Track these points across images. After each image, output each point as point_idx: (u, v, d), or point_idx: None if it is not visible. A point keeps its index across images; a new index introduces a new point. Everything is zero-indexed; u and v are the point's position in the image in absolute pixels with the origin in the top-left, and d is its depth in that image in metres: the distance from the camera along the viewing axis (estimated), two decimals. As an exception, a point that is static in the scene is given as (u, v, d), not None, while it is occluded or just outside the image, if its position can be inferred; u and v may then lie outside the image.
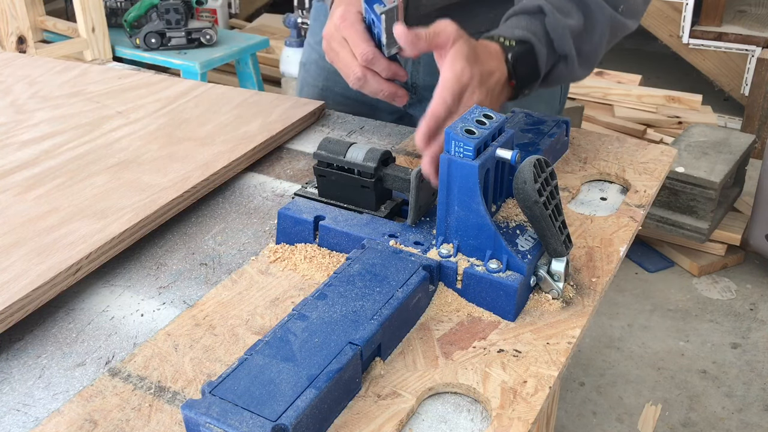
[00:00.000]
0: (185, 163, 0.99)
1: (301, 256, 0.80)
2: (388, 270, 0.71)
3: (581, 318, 0.72)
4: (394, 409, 0.61)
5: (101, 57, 2.65)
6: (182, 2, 2.70)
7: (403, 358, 0.67)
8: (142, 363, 0.68)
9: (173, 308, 0.76)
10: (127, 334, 0.73)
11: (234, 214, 0.93)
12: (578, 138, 1.06)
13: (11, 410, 0.64)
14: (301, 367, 0.60)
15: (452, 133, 0.70)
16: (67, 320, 0.75)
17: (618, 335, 2.33)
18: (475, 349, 0.68)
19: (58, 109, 1.17)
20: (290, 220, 0.82)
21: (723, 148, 2.65)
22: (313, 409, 0.57)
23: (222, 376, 0.59)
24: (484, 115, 0.74)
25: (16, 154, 1.03)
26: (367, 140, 1.11)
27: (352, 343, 0.62)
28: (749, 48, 3.47)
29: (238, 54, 2.84)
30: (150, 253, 0.86)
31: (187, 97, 1.21)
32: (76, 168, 0.99)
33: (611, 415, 1.99)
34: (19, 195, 0.92)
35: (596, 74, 3.32)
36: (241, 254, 0.85)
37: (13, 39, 2.43)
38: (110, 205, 0.89)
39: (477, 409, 0.63)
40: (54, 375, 0.68)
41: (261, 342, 0.62)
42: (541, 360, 0.66)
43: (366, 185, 0.82)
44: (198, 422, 0.56)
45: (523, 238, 0.74)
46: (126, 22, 2.79)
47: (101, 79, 1.29)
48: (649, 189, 0.94)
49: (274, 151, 1.08)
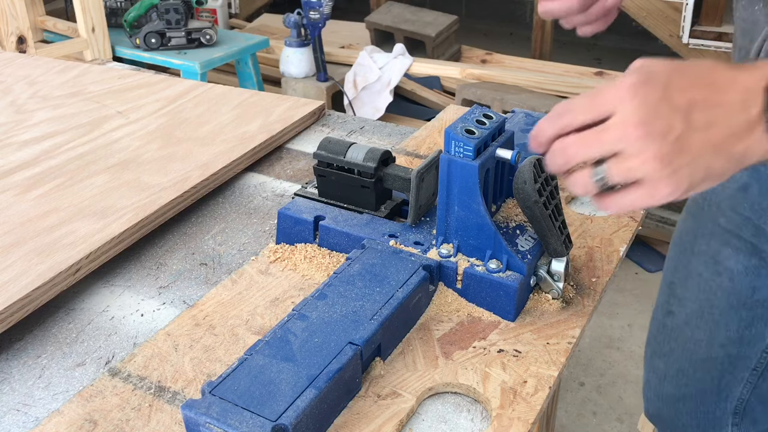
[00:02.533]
0: (185, 163, 0.99)
1: (301, 256, 0.80)
2: (388, 270, 0.71)
3: (581, 318, 0.72)
4: (394, 409, 0.61)
5: (101, 57, 2.65)
6: (182, 2, 2.70)
7: (403, 358, 0.67)
8: (142, 363, 0.68)
9: (173, 308, 0.76)
10: (127, 334, 0.73)
11: (234, 214, 0.93)
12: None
13: (11, 410, 0.64)
14: (301, 367, 0.60)
15: (452, 133, 0.70)
16: (67, 320, 0.75)
17: (618, 335, 2.33)
18: (475, 349, 0.68)
19: (58, 109, 1.17)
20: (290, 220, 0.82)
21: (723, 148, 2.65)
22: (313, 409, 0.57)
23: (222, 376, 0.59)
24: (484, 115, 0.74)
25: (16, 154, 1.03)
26: (367, 140, 1.11)
27: (352, 343, 0.62)
28: (749, 48, 3.46)
29: (238, 54, 2.83)
30: (150, 253, 0.86)
31: (187, 97, 1.21)
32: (76, 168, 0.99)
33: (611, 415, 1.99)
34: (19, 195, 0.92)
35: (596, 74, 3.32)
36: (241, 254, 0.85)
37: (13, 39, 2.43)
38: (110, 205, 0.89)
39: (477, 409, 0.63)
40: (54, 375, 0.68)
41: (261, 342, 0.62)
42: (541, 360, 0.66)
43: (366, 185, 0.82)
44: (198, 422, 0.56)
45: (523, 238, 0.74)
46: (126, 22, 2.79)
47: (101, 79, 1.29)
48: (649, 189, 0.94)
49: (274, 151, 1.08)
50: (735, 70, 0.55)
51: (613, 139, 0.55)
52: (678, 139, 0.54)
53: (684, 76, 0.55)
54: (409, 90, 3.04)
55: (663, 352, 1.11)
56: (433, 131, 1.11)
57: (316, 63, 2.99)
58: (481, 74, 3.04)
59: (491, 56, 3.41)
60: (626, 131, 0.54)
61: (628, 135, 0.54)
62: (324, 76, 2.99)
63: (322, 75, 2.98)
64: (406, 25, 3.46)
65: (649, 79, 0.55)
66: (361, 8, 4.26)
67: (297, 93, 3.00)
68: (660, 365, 1.12)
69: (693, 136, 0.54)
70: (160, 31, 2.72)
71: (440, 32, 3.38)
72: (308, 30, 2.90)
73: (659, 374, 1.12)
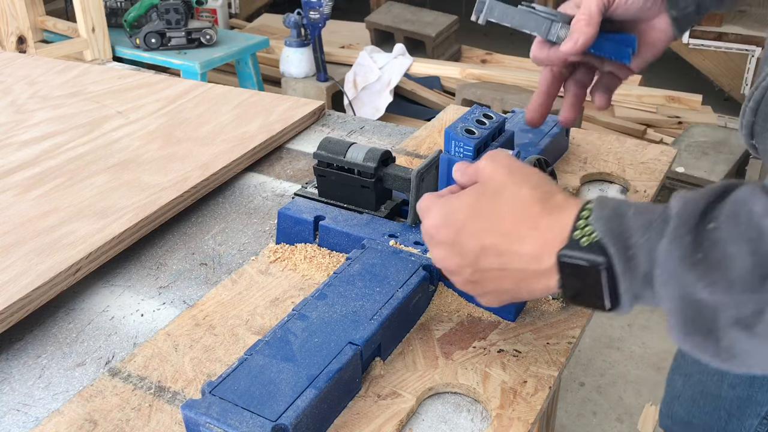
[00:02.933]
0: (185, 163, 0.99)
1: (301, 256, 0.80)
2: (388, 270, 0.71)
3: (581, 318, 0.72)
4: (394, 409, 0.61)
5: (101, 57, 2.65)
6: (182, 2, 2.70)
7: (403, 358, 0.67)
8: (142, 363, 0.68)
9: (173, 308, 0.76)
10: (127, 334, 0.73)
11: (234, 214, 0.93)
12: (578, 138, 1.06)
13: (11, 410, 0.64)
14: (301, 367, 0.60)
15: (452, 133, 0.70)
16: (67, 320, 0.75)
17: (618, 335, 2.33)
18: (475, 349, 0.68)
19: (58, 109, 1.17)
20: (290, 220, 0.82)
21: (723, 148, 2.65)
22: (313, 409, 0.57)
23: (222, 376, 0.59)
24: (484, 115, 0.74)
25: (16, 154, 1.03)
26: (367, 140, 1.11)
27: (352, 343, 0.62)
28: (749, 48, 3.47)
29: (238, 54, 2.83)
30: (150, 253, 0.86)
31: (187, 97, 1.21)
32: (76, 168, 0.99)
33: (611, 415, 1.99)
34: (19, 195, 0.92)
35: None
36: (241, 254, 0.85)
37: (13, 39, 2.43)
38: (110, 205, 0.89)
39: (477, 409, 0.63)
40: (54, 375, 0.68)
41: (261, 342, 0.62)
42: (541, 360, 0.66)
43: (366, 185, 0.82)
44: (198, 422, 0.56)
45: (523, 238, 0.74)
46: (126, 22, 2.79)
47: (101, 79, 1.29)
48: (649, 189, 0.94)
49: (274, 151, 1.08)
50: (543, 215, 0.56)
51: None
52: (471, 277, 0.59)
53: (481, 220, 0.58)
54: (409, 90, 3.04)
55: (683, 372, 1.05)
56: (433, 131, 1.11)
57: (316, 63, 2.99)
58: (481, 74, 3.04)
59: (491, 56, 3.41)
60: (433, 258, 0.62)
61: (436, 262, 0.63)
62: (324, 76, 2.99)
63: (322, 75, 2.98)
64: (406, 25, 3.46)
65: (447, 222, 0.59)
66: (361, 8, 4.26)
67: (297, 93, 3.00)
68: (677, 384, 1.06)
69: (484, 276, 0.58)
70: (160, 31, 2.72)
71: (440, 32, 3.38)
72: (308, 30, 2.90)
73: (674, 392, 1.07)
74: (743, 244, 0.45)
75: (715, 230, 0.46)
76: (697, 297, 0.47)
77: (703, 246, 0.46)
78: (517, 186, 0.57)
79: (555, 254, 0.53)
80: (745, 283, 0.45)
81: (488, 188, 0.59)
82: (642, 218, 0.50)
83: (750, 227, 0.45)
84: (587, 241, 0.52)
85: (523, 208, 0.56)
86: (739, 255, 0.45)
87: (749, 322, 0.45)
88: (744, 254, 0.45)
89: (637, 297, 0.52)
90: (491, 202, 0.58)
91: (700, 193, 0.48)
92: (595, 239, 0.52)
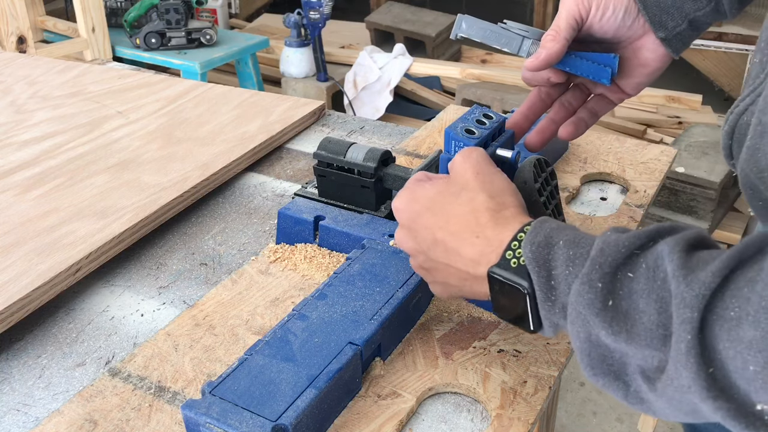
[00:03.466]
0: (185, 163, 0.99)
1: (301, 256, 0.80)
2: (388, 270, 0.71)
3: (581, 318, 0.72)
4: (394, 409, 0.61)
5: (101, 57, 2.65)
6: (182, 2, 2.70)
7: (403, 358, 0.67)
8: (142, 363, 0.68)
9: (173, 308, 0.76)
10: (127, 334, 0.73)
11: (234, 214, 0.93)
12: (578, 138, 1.06)
13: (11, 410, 0.64)
14: (301, 367, 0.60)
15: (452, 133, 0.70)
16: (67, 320, 0.75)
17: (618, 335, 2.33)
18: (475, 349, 0.68)
19: (58, 109, 1.17)
20: (290, 220, 0.82)
21: (723, 148, 2.64)
22: (313, 409, 0.57)
23: (222, 376, 0.59)
24: (484, 115, 0.74)
25: (16, 154, 1.03)
26: (367, 140, 1.11)
27: (352, 343, 0.62)
28: (749, 48, 3.47)
29: (238, 54, 2.83)
30: (150, 253, 0.86)
31: (187, 97, 1.21)
32: (76, 168, 0.99)
33: (611, 415, 1.99)
34: (19, 195, 0.92)
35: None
36: (241, 254, 0.85)
37: (13, 39, 2.43)
38: (110, 205, 0.89)
39: (477, 409, 0.63)
40: (54, 375, 0.68)
41: (261, 342, 0.62)
42: (541, 360, 0.66)
43: (366, 185, 0.82)
44: (198, 422, 0.56)
45: (523, 238, 0.74)
46: (126, 22, 2.79)
47: (101, 79, 1.29)
48: (649, 189, 0.94)
49: (274, 151, 1.08)
50: (488, 225, 0.57)
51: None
52: (424, 264, 0.62)
53: (436, 214, 0.60)
54: (409, 90, 3.04)
55: None
56: (433, 131, 1.11)
57: (316, 63, 2.99)
58: (481, 74, 3.04)
59: (491, 56, 3.41)
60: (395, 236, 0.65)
61: (396, 241, 0.65)
62: (324, 76, 2.99)
63: (322, 75, 2.98)
64: (406, 25, 3.46)
65: (409, 207, 0.62)
66: (361, 8, 4.26)
67: (297, 93, 3.00)
68: None
69: (435, 266, 0.61)
70: (160, 31, 2.72)
71: (440, 32, 3.38)
72: (308, 30, 2.90)
73: None
74: (653, 301, 0.45)
75: (632, 280, 0.47)
76: (602, 342, 0.48)
77: (616, 294, 0.47)
78: (476, 191, 0.59)
79: (489, 264, 0.55)
80: (649, 339, 0.45)
81: (451, 185, 0.61)
82: (569, 251, 0.51)
83: (663, 286, 0.45)
84: (516, 263, 0.54)
85: (473, 214, 0.58)
86: (647, 310, 0.45)
87: (652, 376, 0.46)
88: (652, 310, 0.45)
89: (557, 325, 0.53)
90: (449, 200, 0.60)
91: (627, 238, 0.48)
92: (523, 263, 0.53)
